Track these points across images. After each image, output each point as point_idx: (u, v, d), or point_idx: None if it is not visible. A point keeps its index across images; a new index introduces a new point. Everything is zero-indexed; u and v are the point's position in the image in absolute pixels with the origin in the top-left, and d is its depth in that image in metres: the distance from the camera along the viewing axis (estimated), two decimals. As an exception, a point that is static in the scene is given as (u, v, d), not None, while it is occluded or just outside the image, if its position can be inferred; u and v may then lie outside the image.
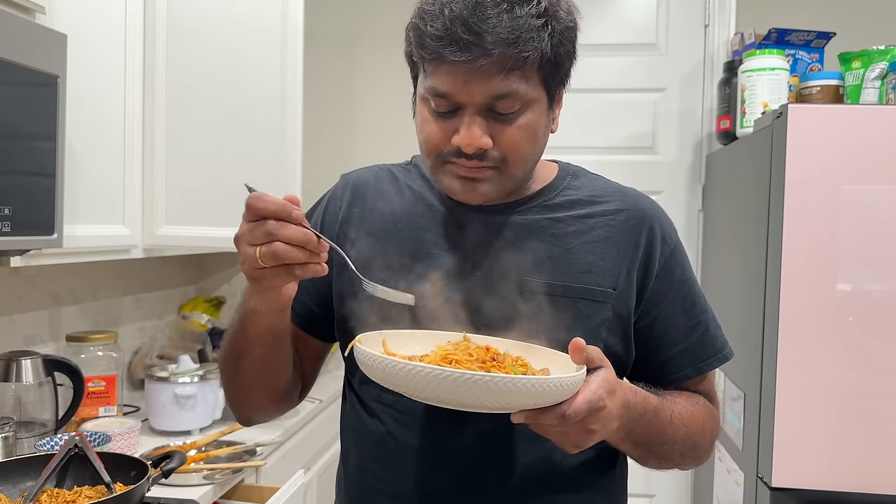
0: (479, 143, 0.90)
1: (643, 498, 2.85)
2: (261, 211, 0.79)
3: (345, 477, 1.09)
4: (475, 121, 0.90)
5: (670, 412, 0.97)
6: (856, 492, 1.82)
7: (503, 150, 0.92)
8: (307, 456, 2.30)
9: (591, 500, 1.03)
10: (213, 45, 2.10)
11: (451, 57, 0.87)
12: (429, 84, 0.91)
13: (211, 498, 1.67)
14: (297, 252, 0.79)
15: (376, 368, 0.80)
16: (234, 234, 0.83)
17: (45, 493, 1.33)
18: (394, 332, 0.93)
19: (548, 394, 0.77)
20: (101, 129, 1.83)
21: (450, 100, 0.90)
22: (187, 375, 2.05)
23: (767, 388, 1.88)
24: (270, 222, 0.78)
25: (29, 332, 1.97)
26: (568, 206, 1.03)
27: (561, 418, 0.78)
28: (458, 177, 0.94)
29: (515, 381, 0.75)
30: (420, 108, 0.96)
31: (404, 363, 0.78)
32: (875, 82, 2.06)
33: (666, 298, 1.04)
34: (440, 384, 0.75)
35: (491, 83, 0.88)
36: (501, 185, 0.96)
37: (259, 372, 0.99)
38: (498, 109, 0.90)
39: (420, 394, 0.79)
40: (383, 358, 0.79)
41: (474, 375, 0.75)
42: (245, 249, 0.81)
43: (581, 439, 0.82)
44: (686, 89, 2.82)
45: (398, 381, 0.78)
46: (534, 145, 0.96)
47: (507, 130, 0.92)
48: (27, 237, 1.43)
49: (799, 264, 1.83)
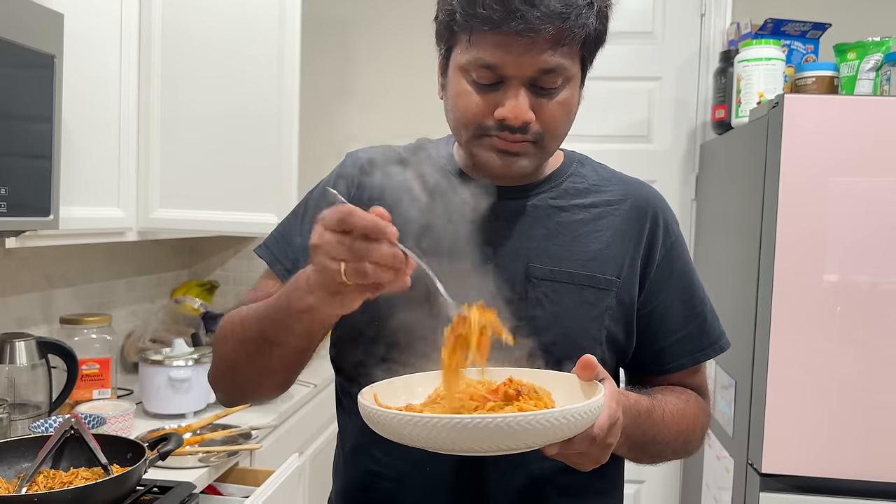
0: (525, 116, 0.90)
1: (633, 484, 2.88)
2: (353, 227, 0.73)
3: (343, 460, 1.09)
4: (521, 93, 0.90)
5: (662, 412, 0.98)
6: (844, 478, 1.85)
7: (543, 125, 0.93)
8: (301, 440, 2.31)
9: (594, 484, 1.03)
10: (210, 26, 2.08)
11: (506, 28, 0.86)
12: (473, 55, 0.90)
13: (206, 480, 1.68)
14: (387, 273, 0.74)
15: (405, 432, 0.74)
16: (310, 242, 0.76)
17: (42, 474, 1.33)
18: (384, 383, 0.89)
19: (581, 423, 0.75)
20: (97, 110, 1.82)
21: (496, 71, 0.90)
22: (182, 359, 2.05)
23: (759, 376, 1.90)
24: (361, 240, 0.73)
25: (22, 315, 1.97)
26: (574, 194, 1.04)
27: (591, 441, 0.79)
28: (498, 150, 0.94)
29: (552, 415, 0.72)
30: (457, 79, 0.94)
31: (425, 417, 0.72)
32: (870, 73, 2.07)
33: (666, 288, 1.05)
34: (479, 434, 0.70)
35: (541, 57, 0.88)
36: (537, 159, 0.96)
37: (287, 363, 0.95)
38: (541, 84, 0.91)
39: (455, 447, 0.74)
40: (401, 415, 0.74)
41: (513, 418, 0.70)
42: (325, 262, 0.75)
43: (602, 456, 0.83)
44: (682, 78, 2.83)
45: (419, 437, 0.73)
46: (568, 122, 0.97)
47: (548, 105, 0.92)
48: (23, 218, 1.42)
49: (792, 254, 1.85)
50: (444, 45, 0.97)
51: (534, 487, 0.99)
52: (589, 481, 0.96)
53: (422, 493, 1.00)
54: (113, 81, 1.88)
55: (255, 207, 2.12)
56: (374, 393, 0.85)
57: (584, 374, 0.84)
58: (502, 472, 0.98)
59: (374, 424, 0.79)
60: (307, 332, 0.88)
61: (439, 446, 0.74)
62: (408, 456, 0.97)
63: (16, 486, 1.29)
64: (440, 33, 0.97)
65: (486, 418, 0.71)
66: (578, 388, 0.86)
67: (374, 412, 0.78)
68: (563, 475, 0.98)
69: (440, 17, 0.95)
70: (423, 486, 0.99)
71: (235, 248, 2.94)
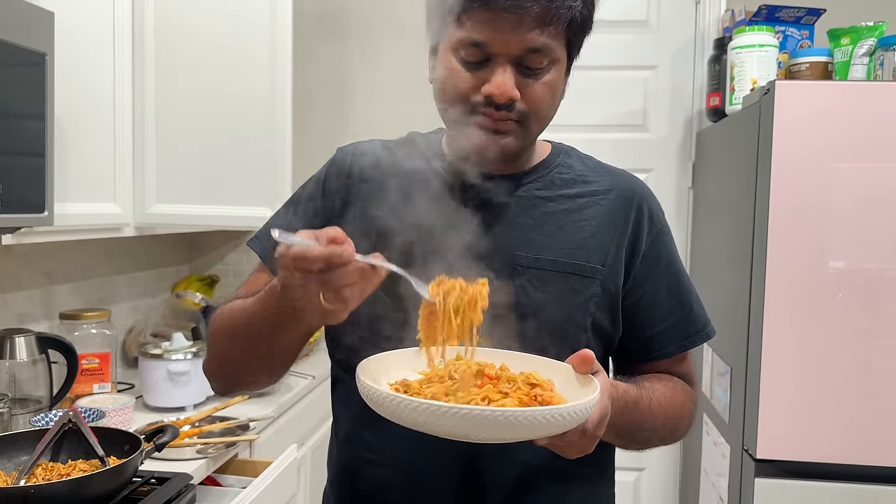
0: (510, 92, 0.92)
1: (633, 471, 2.89)
2: (311, 266, 0.75)
3: (336, 446, 1.11)
4: (508, 70, 0.92)
5: (649, 400, 1.00)
6: (840, 463, 1.86)
7: (528, 104, 0.95)
8: (300, 431, 2.33)
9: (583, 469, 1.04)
10: (203, 20, 2.09)
11: (493, 4, 0.89)
12: (462, 34, 0.93)
13: (205, 472, 1.70)
14: (360, 286, 0.78)
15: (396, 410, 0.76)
16: (280, 283, 0.79)
17: (40, 466, 1.35)
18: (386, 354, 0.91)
19: (579, 419, 0.77)
20: (91, 107, 1.84)
21: (483, 49, 0.92)
22: (181, 352, 2.07)
23: (753, 362, 1.91)
24: (325, 274, 0.75)
25: (22, 311, 1.99)
26: (560, 185, 1.05)
27: (582, 433, 0.81)
28: (483, 128, 0.96)
29: (552, 412, 0.73)
30: (446, 58, 0.96)
31: (424, 403, 0.74)
32: (863, 59, 2.06)
33: (652, 277, 1.06)
34: (475, 422, 0.72)
35: (527, 36, 0.91)
36: (521, 139, 0.98)
37: (280, 355, 0.98)
38: (527, 63, 0.93)
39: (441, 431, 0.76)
40: (402, 398, 0.76)
41: (515, 412, 0.72)
42: (300, 299, 0.78)
43: (589, 446, 0.84)
44: (677, 66, 2.82)
45: (417, 421, 0.75)
46: (552, 104, 0.98)
47: (533, 85, 0.94)
48: (18, 215, 1.44)
49: (785, 241, 1.85)
50: (434, 28, 0.99)
51: (525, 474, 1.01)
52: (578, 466, 0.97)
53: (415, 479, 1.01)
54: (107, 77, 1.89)
55: (250, 201, 2.13)
56: (370, 367, 0.86)
57: (582, 367, 0.86)
58: (494, 459, 1.00)
59: (375, 405, 0.80)
60: (299, 334, 0.90)
61: (440, 432, 0.76)
62: (401, 443, 0.99)
63: (15, 478, 1.32)
64: (431, 15, 0.99)
65: (495, 411, 0.73)
66: (574, 378, 0.87)
67: (373, 392, 0.79)
68: (554, 461, 0.98)
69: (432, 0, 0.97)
70: (415, 473, 1.01)
71: (235, 242, 2.95)
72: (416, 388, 0.85)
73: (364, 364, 0.87)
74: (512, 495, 1.01)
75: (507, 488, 1.00)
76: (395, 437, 0.99)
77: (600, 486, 1.11)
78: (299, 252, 0.75)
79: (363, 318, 0.99)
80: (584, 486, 1.07)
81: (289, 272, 0.77)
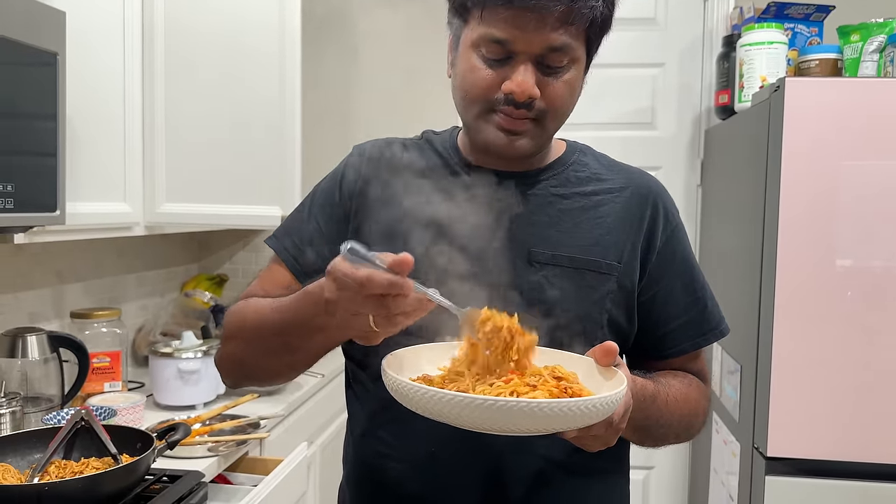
0: (531, 91, 0.93)
1: (643, 470, 2.89)
2: (373, 291, 0.74)
3: (352, 445, 1.11)
4: (529, 69, 0.93)
5: (666, 396, 1.00)
6: (850, 461, 1.85)
7: (547, 102, 0.95)
8: (310, 429, 2.33)
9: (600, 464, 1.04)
10: (213, 21, 2.10)
11: (518, 3, 0.89)
12: (483, 30, 0.93)
13: (216, 470, 1.70)
14: (413, 316, 0.78)
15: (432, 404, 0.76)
16: (326, 297, 0.78)
17: (53, 464, 1.36)
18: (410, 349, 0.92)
19: (607, 411, 0.77)
20: (101, 106, 1.84)
21: (505, 47, 0.93)
22: (191, 351, 2.08)
23: (763, 360, 1.91)
24: (384, 299, 0.74)
25: (33, 310, 2.00)
26: (576, 183, 1.06)
27: (608, 426, 0.81)
28: (502, 129, 0.96)
29: (584, 403, 0.74)
30: (467, 55, 0.97)
31: (459, 395, 0.74)
32: (873, 55, 2.05)
33: (667, 275, 1.06)
34: (508, 414, 0.72)
35: (550, 34, 0.91)
36: (538, 139, 0.98)
37: (301, 364, 0.99)
38: (548, 62, 0.94)
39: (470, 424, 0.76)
40: (434, 391, 0.75)
41: (550, 403, 0.73)
42: (351, 320, 0.77)
43: (612, 439, 0.85)
44: (685, 64, 2.82)
45: (451, 414, 0.75)
46: (571, 102, 0.99)
47: (553, 83, 0.95)
48: (30, 214, 1.44)
49: (795, 238, 1.85)
50: (455, 23, 0.99)
51: (544, 468, 1.01)
52: (596, 461, 0.97)
53: (431, 475, 1.01)
54: (117, 77, 1.90)
55: (259, 200, 2.14)
56: (394, 361, 0.87)
57: (605, 359, 0.86)
58: (512, 454, 1.00)
59: (405, 398, 0.80)
60: (332, 344, 0.91)
61: (471, 424, 0.76)
62: (419, 439, 0.99)
63: (28, 475, 1.32)
64: (453, 10, 0.99)
65: (530, 402, 0.73)
66: (596, 372, 0.87)
67: (404, 386, 0.78)
68: (571, 455, 1.00)
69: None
70: (432, 469, 1.01)
71: (244, 241, 2.96)
72: (438, 383, 0.85)
73: (389, 358, 0.87)
74: (532, 490, 1.01)
75: (526, 483, 1.01)
76: (413, 432, 0.99)
77: (616, 480, 1.12)
78: (369, 275, 0.73)
79: None
80: (601, 480, 1.08)
81: (342, 291, 0.75)
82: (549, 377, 0.83)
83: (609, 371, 0.86)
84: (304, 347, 0.92)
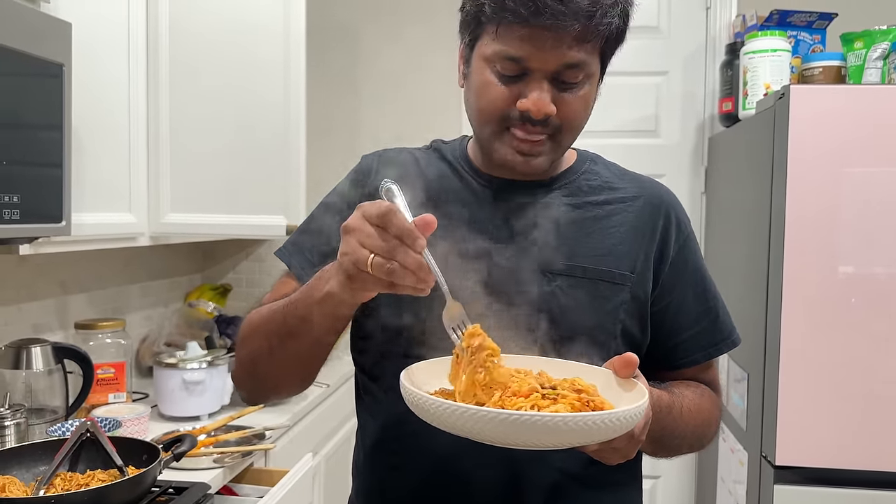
0: (547, 109, 0.92)
1: (649, 479, 2.87)
2: (390, 226, 0.75)
3: (363, 457, 1.10)
4: (545, 86, 0.92)
5: (680, 407, 0.99)
6: (859, 469, 1.84)
7: (562, 118, 0.95)
8: (315, 440, 2.32)
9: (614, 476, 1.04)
10: (217, 31, 2.10)
11: (534, 22, 0.88)
12: (499, 47, 0.92)
13: (221, 481, 1.69)
14: (408, 277, 0.76)
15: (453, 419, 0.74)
16: (345, 224, 0.79)
17: (59, 476, 1.35)
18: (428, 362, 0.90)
19: (630, 424, 0.76)
20: (106, 117, 1.84)
21: (520, 64, 0.92)
22: (196, 361, 2.07)
23: (771, 368, 1.90)
24: (394, 239, 0.75)
25: (38, 321, 1.99)
26: (588, 192, 1.05)
27: (629, 438, 0.80)
28: (516, 149, 0.96)
29: (608, 416, 0.73)
30: (480, 69, 0.96)
31: (482, 410, 0.73)
32: (877, 62, 2.06)
33: (679, 284, 1.06)
34: (531, 429, 0.71)
35: (566, 52, 0.90)
36: (553, 154, 0.98)
37: (306, 356, 0.96)
38: (563, 78, 0.93)
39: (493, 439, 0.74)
40: (455, 405, 0.74)
41: (574, 417, 0.72)
42: (356, 247, 0.77)
43: (632, 452, 0.84)
44: (688, 72, 2.82)
45: (472, 428, 0.74)
46: (585, 116, 0.98)
47: (568, 99, 0.94)
48: (36, 225, 1.44)
49: (801, 245, 1.84)
50: (469, 35, 0.98)
51: (558, 481, 1.00)
52: (610, 473, 0.97)
53: (444, 488, 1.00)
54: (122, 88, 1.90)
55: (264, 210, 2.14)
56: (411, 375, 0.85)
57: (625, 370, 0.85)
58: (527, 467, 0.99)
59: (423, 412, 0.78)
60: (325, 322, 0.88)
61: (491, 439, 0.74)
62: (432, 452, 0.98)
63: (34, 488, 1.31)
64: (466, 23, 0.98)
65: (554, 417, 0.72)
66: (614, 383, 0.86)
67: (423, 400, 0.77)
68: (587, 468, 0.99)
69: (467, 8, 0.96)
70: (445, 482, 1.00)
71: (247, 251, 2.96)
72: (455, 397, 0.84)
73: (407, 371, 0.85)
74: (547, 503, 0.99)
75: (541, 496, 0.99)
76: (427, 445, 0.98)
77: (629, 492, 1.11)
78: (392, 207, 0.76)
79: (392, 326, 0.98)
80: (615, 493, 1.07)
81: (363, 220, 0.77)
82: (568, 390, 0.82)
83: (628, 383, 0.85)
84: (309, 321, 0.88)
